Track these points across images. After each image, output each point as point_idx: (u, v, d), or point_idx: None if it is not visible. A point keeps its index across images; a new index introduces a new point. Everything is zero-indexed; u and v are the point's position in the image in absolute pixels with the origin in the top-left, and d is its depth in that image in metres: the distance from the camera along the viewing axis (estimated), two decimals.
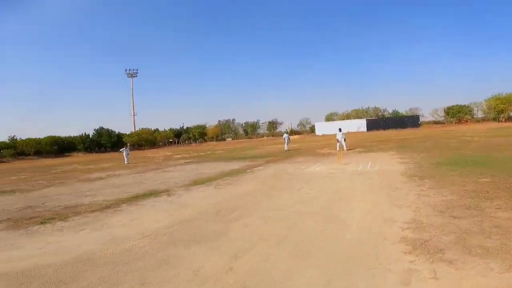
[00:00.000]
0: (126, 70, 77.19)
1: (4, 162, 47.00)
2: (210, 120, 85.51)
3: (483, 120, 61.37)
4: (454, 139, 21.04)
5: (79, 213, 6.53)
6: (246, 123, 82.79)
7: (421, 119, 69.07)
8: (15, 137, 58.36)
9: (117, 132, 69.18)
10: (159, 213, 6.22)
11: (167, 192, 8.82)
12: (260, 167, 14.06)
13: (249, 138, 76.26)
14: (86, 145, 62.95)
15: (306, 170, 11.84)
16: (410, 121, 64.44)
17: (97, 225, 5.44)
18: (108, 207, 7.10)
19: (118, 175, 15.11)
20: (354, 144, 24.19)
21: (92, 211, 6.68)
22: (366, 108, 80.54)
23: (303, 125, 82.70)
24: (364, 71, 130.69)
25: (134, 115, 77.45)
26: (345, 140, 19.43)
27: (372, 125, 64.45)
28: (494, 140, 18.05)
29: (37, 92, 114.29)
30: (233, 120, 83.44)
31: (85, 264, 3.62)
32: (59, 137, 61.00)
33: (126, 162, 22.96)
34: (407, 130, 51.12)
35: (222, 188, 9.02)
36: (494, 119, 57.43)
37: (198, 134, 76.38)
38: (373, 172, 10.22)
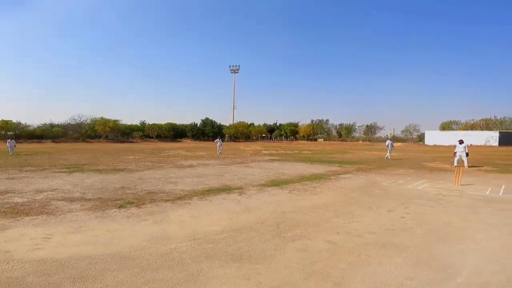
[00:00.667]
0: (230, 66, 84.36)
1: (133, 142, 58.62)
2: (304, 119, 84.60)
3: None
4: None
5: (154, 201, 6.74)
6: (341, 124, 77.96)
7: None
8: (144, 122, 71.83)
9: (218, 123, 76.61)
10: (220, 213, 5.75)
11: (240, 190, 8.42)
12: (348, 175, 12.28)
13: (342, 140, 71.60)
14: (193, 133, 72.16)
15: (406, 187, 9.48)
16: None
17: (159, 218, 5.36)
18: (180, 198, 7.14)
19: (207, 164, 16.00)
20: (481, 161, 18.83)
21: (166, 201, 6.80)
22: (501, 118, 63.58)
23: (410, 132, 71.93)
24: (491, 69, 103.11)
25: (234, 109, 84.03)
26: (467, 155, 15.18)
27: (508, 139, 50.06)
28: None
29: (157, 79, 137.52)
30: (327, 120, 79.99)
31: (117, 262, 3.34)
32: (175, 124, 71.88)
33: (218, 152, 24.60)
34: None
35: (296, 194, 8.00)
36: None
37: (289, 132, 76.66)
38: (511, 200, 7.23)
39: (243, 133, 72.47)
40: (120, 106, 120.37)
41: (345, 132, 75.39)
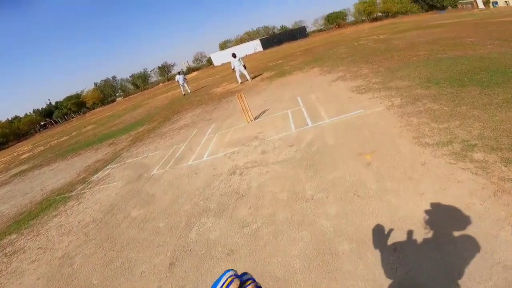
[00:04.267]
0: None
1: None
2: (87, 86, 66.25)
3: (356, 22, 63.64)
4: (360, 41, 17.05)
5: None
6: (132, 75, 66.99)
7: (307, 30, 67.76)
8: None
9: None
10: None
11: None
12: (112, 167, 6.94)
13: (142, 90, 62.63)
14: None
15: (187, 165, 5.44)
16: (299, 33, 62.48)
17: None
18: None
19: None
20: (257, 67, 18.13)
21: None
22: (256, 29, 74.37)
23: (199, 60, 72.18)
24: None
25: None
26: (245, 67, 13.05)
27: (267, 43, 59.67)
28: (413, 35, 14.41)
29: None
30: (114, 77, 66.14)
31: None
32: None
33: None
34: (299, 41, 47.65)
35: None
36: (363, 21, 60.06)
37: (74, 106, 58.44)
38: (328, 129, 4.61)
39: (6, 135, 47.97)
40: None
41: (141, 82, 65.97)
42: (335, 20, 66.70)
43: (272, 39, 62.65)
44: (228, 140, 5.87)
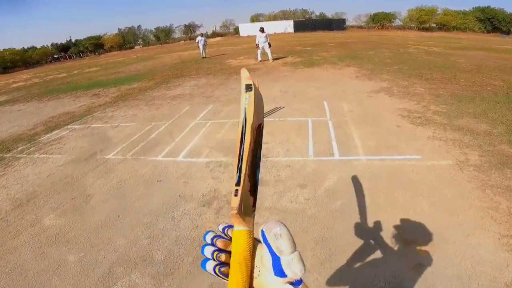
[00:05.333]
0: None
1: None
2: (111, 30, 63.62)
3: (403, 28, 59.15)
4: (408, 49, 14.77)
5: None
6: (157, 28, 63.94)
7: (346, 23, 63.47)
8: None
9: None
10: None
11: None
12: (73, 128, 5.48)
13: (162, 44, 59.99)
14: None
15: (154, 160, 3.94)
16: (336, 24, 58.18)
17: None
18: None
19: None
20: (283, 48, 16.03)
21: None
22: (293, 10, 69.86)
23: (227, 27, 68.62)
24: None
25: None
26: (270, 45, 11.16)
27: (300, 26, 55.74)
28: (477, 55, 12.19)
29: None
30: (139, 26, 63.07)
31: None
32: None
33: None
34: (335, 33, 44.34)
35: None
36: (418, 28, 55.40)
37: (91, 46, 56.11)
38: (363, 174, 3.02)
39: (15, 61, 46.13)
40: None
41: (163, 35, 63.13)
42: (381, 20, 62.18)
43: (307, 23, 58.76)
44: (220, 138, 4.29)
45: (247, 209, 0.43)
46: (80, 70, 19.23)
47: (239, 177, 0.43)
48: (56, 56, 54.89)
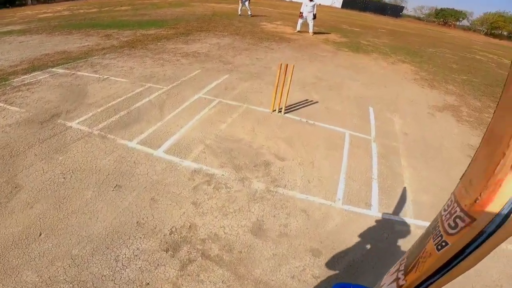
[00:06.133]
0: None
1: None
2: None
3: (468, 29, 52.30)
4: (474, 54, 12.36)
5: None
6: None
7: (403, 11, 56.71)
8: None
9: None
10: None
11: None
12: (55, 73, 4.47)
13: None
14: None
15: (125, 146, 2.83)
16: (391, 10, 51.88)
17: None
18: None
19: None
20: (327, 22, 13.87)
21: None
22: None
23: None
24: None
25: None
26: (314, 17, 9.36)
27: (349, 3, 50.16)
28: None
29: None
30: None
31: None
32: None
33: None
34: (387, 18, 39.73)
35: None
36: (477, 31, 48.71)
37: None
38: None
39: None
40: None
41: None
42: (447, 16, 55.30)
43: (358, 1, 52.98)
44: (222, 131, 3.14)
45: None
46: (112, 8, 17.68)
47: None
48: None
